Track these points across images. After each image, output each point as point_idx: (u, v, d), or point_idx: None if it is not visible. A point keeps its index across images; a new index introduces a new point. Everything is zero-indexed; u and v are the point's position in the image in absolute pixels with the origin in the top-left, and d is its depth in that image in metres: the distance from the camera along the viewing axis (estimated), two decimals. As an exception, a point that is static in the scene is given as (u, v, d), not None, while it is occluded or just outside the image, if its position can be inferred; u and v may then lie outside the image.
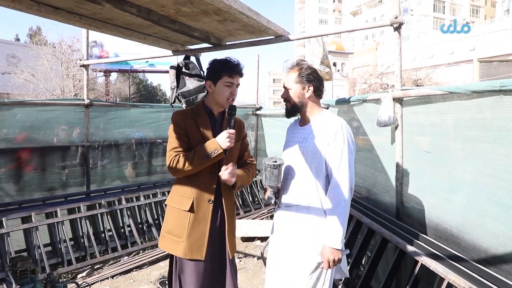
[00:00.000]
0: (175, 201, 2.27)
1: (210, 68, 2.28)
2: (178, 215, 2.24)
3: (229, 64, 2.23)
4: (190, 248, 2.19)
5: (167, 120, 6.17)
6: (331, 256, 2.01)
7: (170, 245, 2.25)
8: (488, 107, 2.31)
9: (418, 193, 3.05)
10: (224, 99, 2.25)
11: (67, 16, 2.81)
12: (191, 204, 2.21)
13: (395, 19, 3.07)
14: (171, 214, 2.29)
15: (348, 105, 4.02)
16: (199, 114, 2.29)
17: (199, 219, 2.22)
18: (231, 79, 2.23)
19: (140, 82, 43.43)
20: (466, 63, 28.34)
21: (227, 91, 2.23)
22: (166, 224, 2.31)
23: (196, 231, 2.21)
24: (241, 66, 2.26)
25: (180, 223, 2.22)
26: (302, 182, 2.18)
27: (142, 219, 5.28)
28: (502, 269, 2.19)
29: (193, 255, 2.20)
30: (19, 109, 4.60)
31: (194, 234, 2.20)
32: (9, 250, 3.88)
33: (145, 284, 3.97)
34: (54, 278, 2.45)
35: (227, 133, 2.16)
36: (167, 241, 2.27)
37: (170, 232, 2.26)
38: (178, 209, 2.24)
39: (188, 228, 2.20)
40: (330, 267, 2.03)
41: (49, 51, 21.22)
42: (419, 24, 49.25)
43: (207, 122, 2.28)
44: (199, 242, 2.21)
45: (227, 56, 2.28)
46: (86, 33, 5.14)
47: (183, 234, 2.20)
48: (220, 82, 2.22)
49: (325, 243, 2.03)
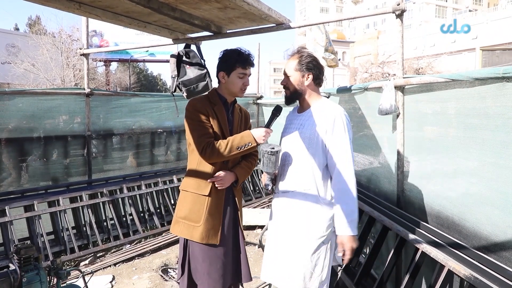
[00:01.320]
0: (192, 186, 2.31)
1: (223, 59, 2.33)
2: (195, 200, 2.28)
3: (242, 56, 2.29)
4: (207, 232, 2.24)
5: (168, 109, 6.17)
6: (353, 244, 2.04)
7: (185, 230, 2.28)
8: (491, 94, 2.29)
9: (419, 181, 3.05)
10: (237, 89, 2.32)
11: (66, 4, 2.79)
12: (210, 189, 2.26)
13: (397, 6, 3.04)
14: (187, 199, 2.32)
15: (349, 94, 4.01)
16: (216, 103, 2.35)
17: (215, 204, 2.28)
18: (244, 70, 2.30)
19: (140, 71, 43.23)
20: (468, 51, 28.17)
21: (240, 82, 2.30)
22: (181, 209, 2.33)
23: (213, 216, 2.27)
24: (252, 57, 2.33)
25: (197, 208, 2.26)
26: (299, 168, 2.19)
27: (143, 208, 5.32)
28: (502, 256, 2.21)
29: (209, 240, 2.24)
30: (20, 99, 4.59)
31: (211, 219, 2.26)
32: (13, 238, 3.92)
33: (147, 272, 4.01)
34: (58, 265, 2.47)
35: (265, 131, 2.24)
36: (182, 227, 2.30)
37: (186, 217, 2.29)
38: (195, 193, 2.28)
39: (205, 213, 2.25)
40: (351, 255, 2.05)
41: (49, 41, 21.07)
42: (421, 12, 48.76)
43: (223, 111, 2.35)
44: (215, 226, 2.27)
45: (238, 47, 2.34)
46: (86, 21, 5.11)
47: (200, 219, 2.24)
48: (233, 73, 2.29)
49: (342, 233, 2.05)
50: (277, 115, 2.30)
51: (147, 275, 3.92)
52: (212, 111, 2.30)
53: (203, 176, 2.29)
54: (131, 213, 5.06)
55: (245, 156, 2.46)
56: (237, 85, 2.31)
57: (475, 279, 2.06)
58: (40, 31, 22.82)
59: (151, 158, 6.24)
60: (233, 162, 2.40)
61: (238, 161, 2.44)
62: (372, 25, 56.38)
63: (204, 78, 3.60)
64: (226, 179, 2.30)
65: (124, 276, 3.93)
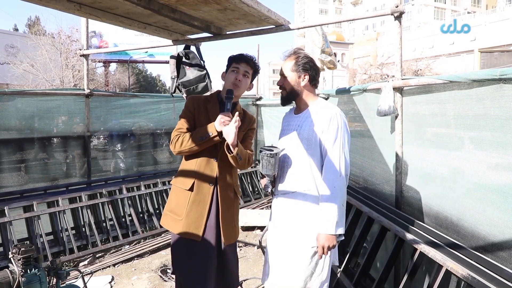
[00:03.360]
0: (179, 181, 2.37)
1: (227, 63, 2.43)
2: (180, 194, 2.32)
3: (238, 54, 2.39)
4: (188, 227, 2.26)
5: (168, 110, 6.18)
6: (326, 242, 2.02)
7: (170, 223, 2.34)
8: (488, 96, 2.31)
9: (418, 182, 3.06)
10: (229, 83, 2.34)
11: (67, 4, 2.81)
12: (192, 184, 2.29)
13: (396, 8, 3.06)
14: (174, 193, 2.38)
15: (348, 95, 4.02)
16: (211, 101, 2.41)
17: (198, 200, 2.29)
18: (237, 64, 2.35)
19: (139, 72, 43.22)
20: (467, 53, 28.26)
21: (233, 76, 2.33)
22: (169, 202, 2.41)
23: (194, 211, 2.28)
24: (249, 56, 2.38)
25: (181, 202, 2.31)
26: (298, 169, 2.20)
27: (143, 209, 5.32)
28: (500, 256, 2.22)
29: (189, 235, 2.26)
30: (20, 99, 4.60)
31: (193, 214, 2.27)
32: (12, 239, 3.92)
33: (147, 272, 4.01)
34: (57, 266, 2.47)
35: (221, 116, 2.19)
36: (168, 219, 2.36)
37: (172, 211, 2.35)
38: (180, 188, 2.33)
39: (187, 207, 2.27)
40: (325, 254, 2.05)
41: (48, 41, 21.09)
42: (419, 14, 48.88)
43: (217, 109, 2.36)
44: (197, 222, 2.27)
45: (243, 53, 2.42)
46: (86, 22, 5.12)
47: (182, 213, 2.28)
48: (229, 70, 2.37)
49: (320, 229, 2.05)
50: (230, 98, 2.23)
51: (146, 276, 3.92)
52: (204, 108, 2.36)
53: (187, 171, 2.34)
54: (130, 214, 5.06)
55: None
56: (230, 79, 2.34)
57: (473, 279, 2.08)
58: (39, 32, 22.85)
59: (151, 158, 6.25)
60: (221, 158, 2.31)
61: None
62: (371, 26, 56.49)
63: (204, 79, 3.62)
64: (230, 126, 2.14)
65: (123, 276, 3.93)
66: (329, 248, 2.03)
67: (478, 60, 24.53)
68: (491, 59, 20.04)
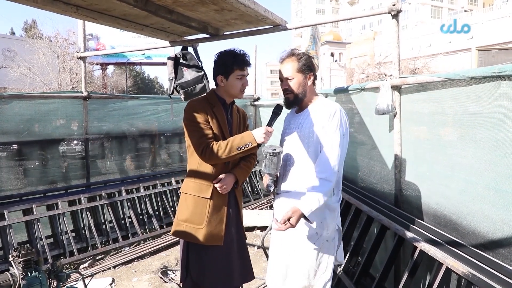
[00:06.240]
0: (193, 189, 2.30)
1: (219, 63, 2.30)
2: (197, 203, 2.27)
3: (239, 57, 2.27)
4: (210, 234, 2.24)
5: (166, 112, 6.18)
6: (294, 215, 1.97)
7: (189, 233, 2.27)
8: (486, 93, 2.31)
9: (417, 180, 3.07)
10: (237, 91, 2.31)
11: (63, 7, 2.80)
12: (211, 191, 2.26)
13: (393, 6, 3.06)
14: (188, 202, 2.31)
15: (346, 94, 4.03)
16: (214, 104, 2.33)
17: (218, 205, 2.28)
18: (242, 71, 2.28)
19: (137, 74, 43.25)
20: (464, 51, 28.26)
21: (240, 83, 2.29)
22: (182, 212, 2.32)
23: (215, 217, 2.26)
24: (248, 56, 2.32)
25: (199, 211, 2.26)
26: (301, 167, 2.20)
27: (142, 210, 5.32)
28: (499, 253, 2.22)
29: (213, 241, 2.25)
30: (18, 103, 4.59)
31: (214, 221, 2.25)
32: (12, 242, 3.92)
33: (147, 274, 4.01)
34: (58, 268, 2.47)
35: (265, 129, 2.18)
36: (185, 230, 2.29)
37: (188, 220, 2.28)
38: (197, 196, 2.27)
39: (208, 215, 2.24)
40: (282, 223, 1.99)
41: (45, 45, 21.09)
42: (416, 13, 48.91)
43: (222, 112, 2.34)
44: (218, 228, 2.26)
45: (233, 48, 2.31)
46: (83, 24, 5.11)
47: (202, 222, 2.24)
48: (232, 75, 2.27)
49: (297, 204, 2.01)
50: (278, 113, 2.28)
51: (146, 277, 3.92)
52: (211, 112, 2.29)
53: (204, 178, 2.27)
54: (130, 216, 5.06)
55: (244, 157, 2.43)
56: (237, 87, 2.29)
57: (473, 276, 2.08)
58: (36, 35, 22.80)
59: (150, 160, 6.24)
60: (233, 163, 2.38)
61: (237, 162, 2.40)
62: (368, 26, 56.49)
63: (202, 80, 3.61)
64: (227, 182, 2.28)
65: (123, 278, 3.93)
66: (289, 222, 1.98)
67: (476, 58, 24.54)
68: (488, 57, 20.01)
